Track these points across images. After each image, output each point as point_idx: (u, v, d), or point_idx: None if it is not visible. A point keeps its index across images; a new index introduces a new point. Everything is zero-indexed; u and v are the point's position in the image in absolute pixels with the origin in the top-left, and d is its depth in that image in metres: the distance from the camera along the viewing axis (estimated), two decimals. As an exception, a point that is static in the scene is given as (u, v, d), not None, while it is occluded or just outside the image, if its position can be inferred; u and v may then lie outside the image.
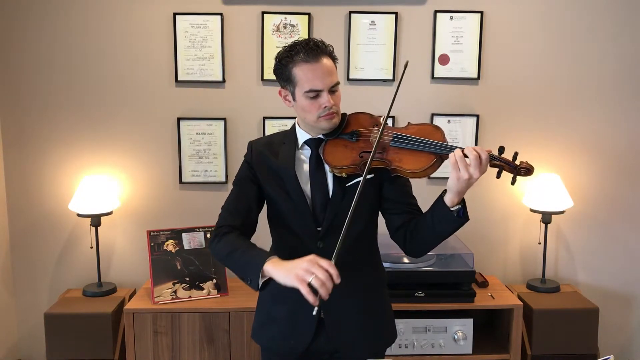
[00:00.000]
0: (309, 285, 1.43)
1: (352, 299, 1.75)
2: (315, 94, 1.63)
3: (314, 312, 1.46)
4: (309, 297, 1.43)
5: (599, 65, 2.88)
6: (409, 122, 1.73)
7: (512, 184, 1.61)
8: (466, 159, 1.53)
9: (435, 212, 1.64)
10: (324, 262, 1.46)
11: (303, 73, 1.62)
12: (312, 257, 1.48)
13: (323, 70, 1.62)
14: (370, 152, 1.63)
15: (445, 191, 1.62)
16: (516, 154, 1.59)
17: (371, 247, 1.84)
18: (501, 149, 1.59)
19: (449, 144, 1.61)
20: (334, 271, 1.45)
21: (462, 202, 1.61)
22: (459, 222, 1.62)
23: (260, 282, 1.57)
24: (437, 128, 1.67)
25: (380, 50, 2.84)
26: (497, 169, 1.60)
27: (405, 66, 1.70)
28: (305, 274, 1.45)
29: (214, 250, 1.71)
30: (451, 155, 1.54)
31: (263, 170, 1.75)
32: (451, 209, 1.59)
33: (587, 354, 2.69)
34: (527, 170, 1.57)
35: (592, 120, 2.92)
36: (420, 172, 1.61)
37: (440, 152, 1.60)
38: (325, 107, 1.63)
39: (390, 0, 2.81)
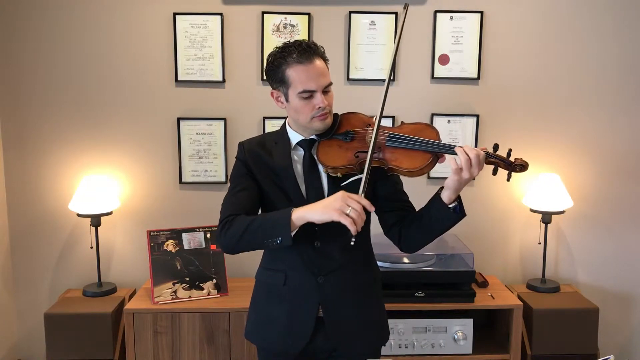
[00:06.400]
0: (348, 217, 1.50)
1: (350, 297, 1.76)
2: (309, 94, 1.63)
3: (352, 242, 1.52)
4: (352, 227, 1.49)
5: (599, 64, 2.88)
6: (402, 122, 1.75)
7: (508, 180, 1.65)
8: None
9: (432, 209, 1.66)
10: (355, 196, 1.53)
11: (296, 74, 1.62)
12: (342, 192, 1.54)
13: (316, 71, 1.63)
14: (365, 151, 1.64)
15: (441, 189, 1.65)
16: (510, 150, 1.61)
17: (366, 246, 1.86)
18: (496, 147, 1.62)
19: (443, 142, 1.63)
20: (366, 202, 1.53)
21: (459, 198, 1.63)
22: (457, 218, 1.65)
23: (292, 234, 1.58)
24: (431, 127, 1.69)
25: (380, 50, 2.84)
26: (492, 167, 1.62)
27: (406, 8, 1.75)
28: (343, 206, 1.51)
29: (226, 237, 1.64)
30: (457, 160, 1.55)
31: (258, 168, 1.75)
32: (448, 206, 1.62)
33: (587, 354, 2.69)
34: (522, 166, 1.59)
35: (592, 120, 2.92)
36: (417, 171, 1.63)
37: (436, 150, 1.62)
38: (319, 107, 1.64)
39: (390, 0, 2.81)
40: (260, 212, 1.80)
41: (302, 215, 1.56)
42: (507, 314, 2.67)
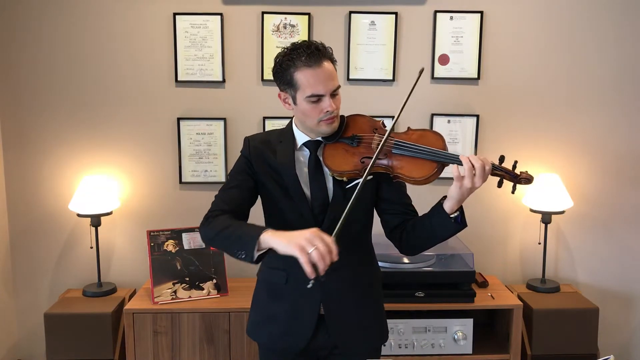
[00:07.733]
0: (308, 257, 1.43)
1: (350, 295, 1.76)
2: (317, 98, 1.62)
3: (309, 285, 1.45)
4: (307, 267, 1.42)
5: (599, 64, 2.88)
6: (408, 127, 1.73)
7: (512, 192, 1.64)
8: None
9: (433, 217, 1.66)
10: (327, 237, 1.45)
11: (305, 78, 1.61)
12: (315, 230, 1.47)
13: (325, 74, 1.62)
14: (371, 157, 1.63)
15: (444, 197, 1.64)
16: (516, 162, 1.61)
17: (367, 246, 1.86)
18: (501, 158, 1.61)
19: (450, 152, 1.62)
20: (334, 247, 1.45)
21: (461, 208, 1.63)
22: (457, 229, 1.64)
23: (256, 254, 1.53)
24: (439, 135, 1.67)
25: (380, 51, 2.84)
26: (498, 178, 1.61)
27: (420, 72, 1.69)
28: (307, 244, 1.44)
29: (205, 231, 1.66)
30: (460, 167, 1.54)
31: (261, 166, 1.75)
32: (450, 215, 1.61)
33: (587, 354, 2.69)
34: (527, 180, 1.60)
35: (592, 120, 2.92)
36: (423, 180, 1.62)
37: (443, 160, 1.61)
38: (327, 111, 1.63)
39: (390, 0, 2.81)
40: (262, 208, 1.81)
41: (268, 239, 1.51)
42: (507, 314, 2.67)
